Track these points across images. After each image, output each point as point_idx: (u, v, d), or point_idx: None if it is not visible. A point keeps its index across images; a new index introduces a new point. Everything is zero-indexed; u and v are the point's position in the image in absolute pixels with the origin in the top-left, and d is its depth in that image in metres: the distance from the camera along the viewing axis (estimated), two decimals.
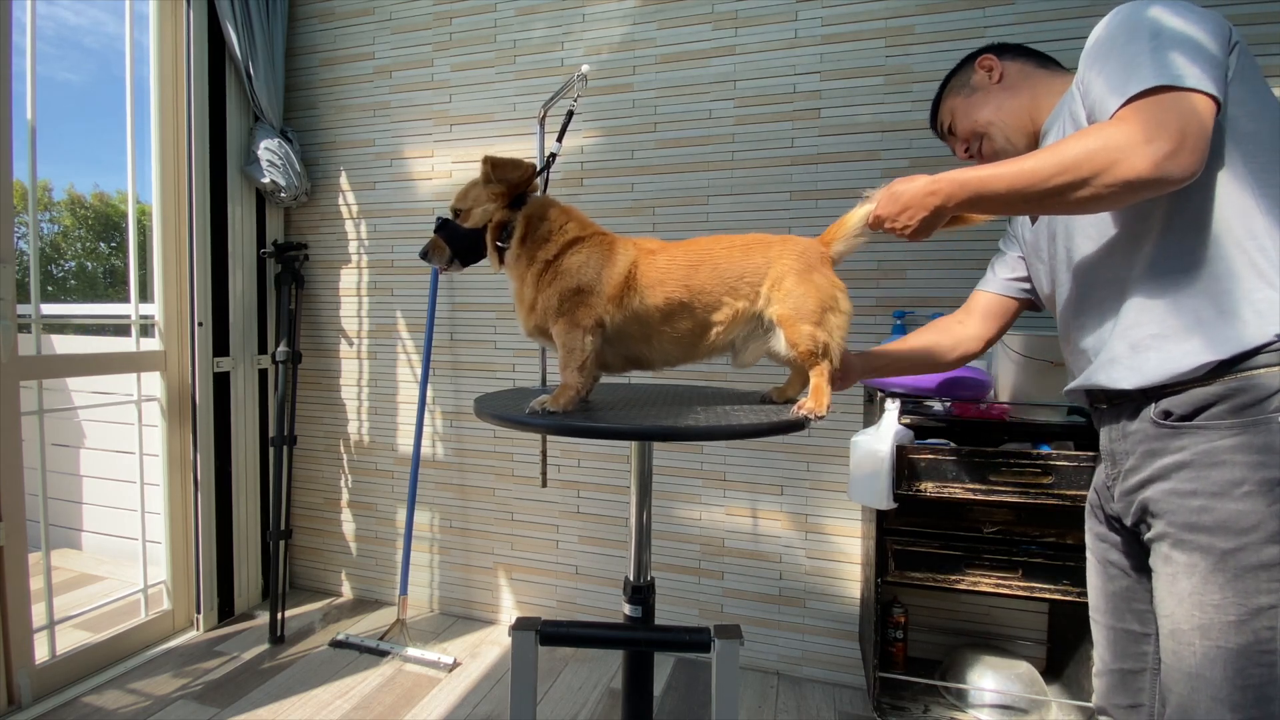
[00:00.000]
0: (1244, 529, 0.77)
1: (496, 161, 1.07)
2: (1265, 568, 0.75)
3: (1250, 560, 0.76)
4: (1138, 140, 0.75)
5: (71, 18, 59.45)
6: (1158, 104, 0.76)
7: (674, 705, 1.92)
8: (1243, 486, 0.77)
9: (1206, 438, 0.80)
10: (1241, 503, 0.77)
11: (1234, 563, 0.77)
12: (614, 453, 2.24)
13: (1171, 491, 0.82)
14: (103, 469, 2.98)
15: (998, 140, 1.09)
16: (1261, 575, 0.76)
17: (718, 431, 0.89)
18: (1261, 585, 0.76)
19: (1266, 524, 0.75)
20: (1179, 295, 0.82)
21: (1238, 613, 0.77)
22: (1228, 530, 0.77)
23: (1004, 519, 1.65)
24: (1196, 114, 0.75)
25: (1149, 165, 0.75)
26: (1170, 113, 0.75)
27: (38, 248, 2.01)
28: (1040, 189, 0.81)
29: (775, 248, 1.05)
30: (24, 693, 1.81)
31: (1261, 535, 0.76)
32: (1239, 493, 0.77)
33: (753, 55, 2.03)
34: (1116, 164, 0.76)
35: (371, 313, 2.51)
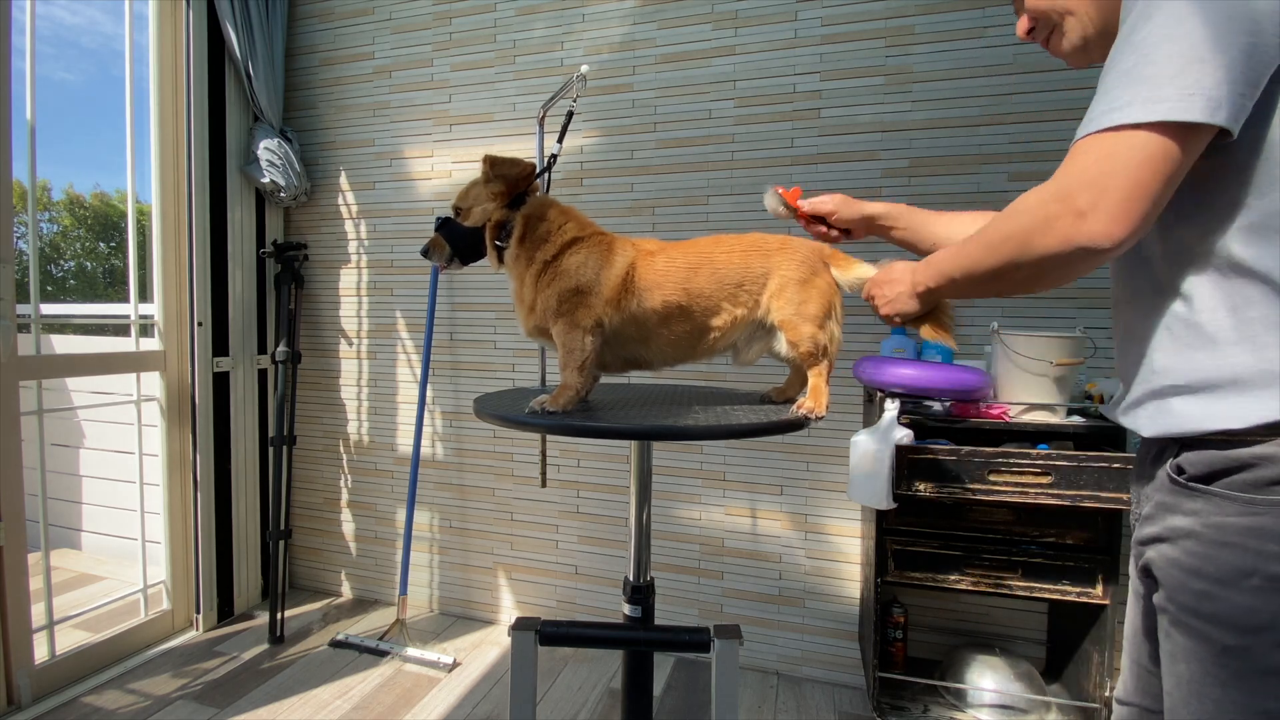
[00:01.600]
0: (1252, 627, 0.66)
1: (496, 160, 1.07)
2: (1276, 673, 0.65)
3: (1258, 664, 0.66)
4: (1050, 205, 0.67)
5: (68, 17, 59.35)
6: (1087, 149, 0.66)
7: (674, 705, 1.92)
8: (1253, 579, 0.65)
9: (1220, 509, 0.68)
10: (1250, 598, 0.65)
11: (1238, 662, 0.67)
12: (614, 453, 2.24)
13: (1175, 563, 0.72)
14: (102, 469, 2.98)
15: (1072, 35, 0.83)
16: (1271, 680, 0.65)
17: (717, 431, 0.89)
18: (1271, 690, 0.65)
19: (1277, 627, 0.64)
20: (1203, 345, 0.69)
21: (1241, 713, 0.67)
22: (1233, 626, 0.67)
23: (1004, 519, 1.65)
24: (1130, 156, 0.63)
25: (1056, 239, 0.66)
26: (1093, 161, 0.65)
27: (37, 248, 2.01)
28: (986, 274, 0.75)
29: (776, 255, 1.05)
30: (23, 693, 1.81)
31: (1271, 639, 0.65)
32: (1247, 585, 0.65)
33: (753, 55, 2.03)
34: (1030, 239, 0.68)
35: (371, 313, 2.51)
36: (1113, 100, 0.65)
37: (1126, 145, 0.63)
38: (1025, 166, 1.82)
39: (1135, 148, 0.63)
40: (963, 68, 1.85)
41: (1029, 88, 1.80)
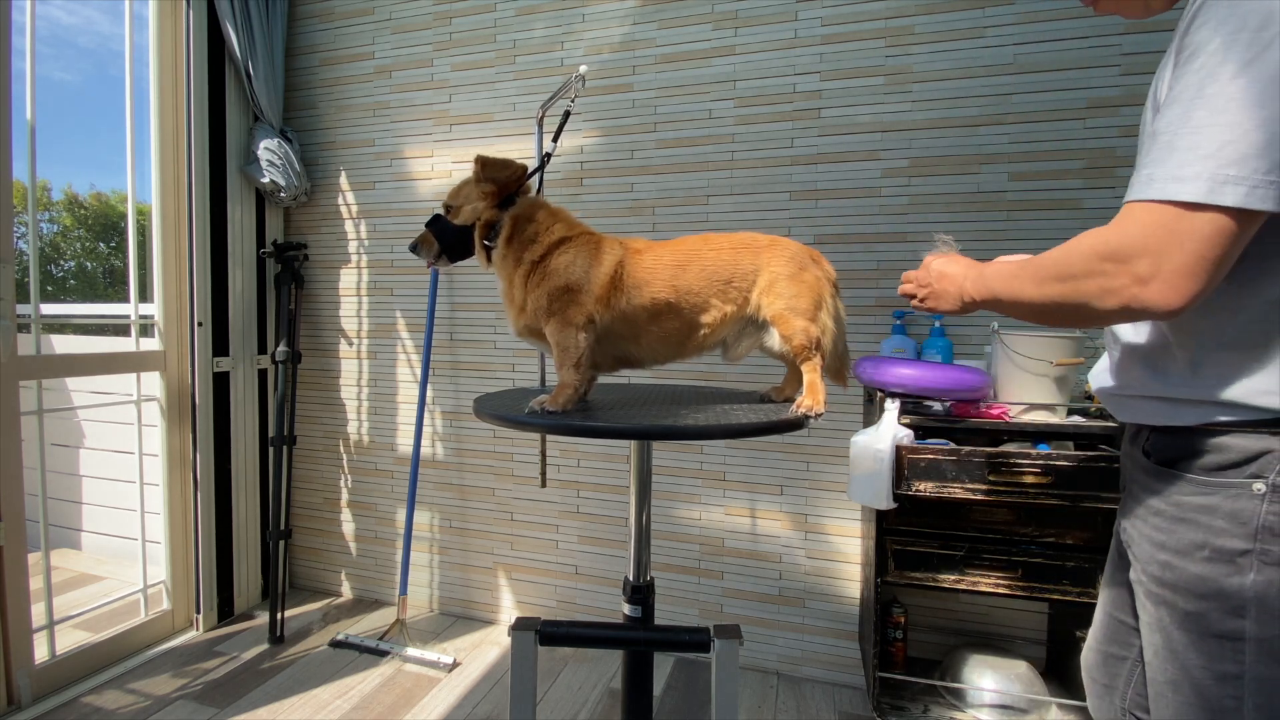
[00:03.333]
0: (1205, 595, 0.74)
1: (487, 161, 1.07)
2: (1229, 638, 0.73)
3: (1215, 628, 0.74)
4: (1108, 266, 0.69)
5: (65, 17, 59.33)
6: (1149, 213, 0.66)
7: (674, 705, 1.92)
8: (1204, 550, 0.74)
9: (1180, 489, 0.76)
10: (1202, 567, 0.74)
11: (1198, 626, 0.75)
12: (613, 452, 2.24)
13: (1145, 538, 0.81)
14: (102, 469, 2.98)
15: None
16: (1226, 645, 0.73)
17: (717, 430, 0.89)
18: (1226, 654, 0.73)
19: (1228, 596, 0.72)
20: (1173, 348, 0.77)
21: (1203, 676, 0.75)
22: (1189, 593, 0.75)
23: (1004, 519, 1.65)
24: (1194, 232, 0.63)
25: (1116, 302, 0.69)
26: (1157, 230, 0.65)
27: (37, 248, 2.01)
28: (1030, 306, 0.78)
29: (765, 253, 1.06)
30: (24, 693, 1.81)
31: (1223, 606, 0.73)
32: (1199, 556, 0.74)
33: (753, 55, 2.03)
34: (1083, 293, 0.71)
35: (371, 313, 2.51)
36: (1177, 168, 0.64)
37: (1189, 223, 0.63)
38: (1025, 166, 1.82)
39: (1199, 225, 0.63)
40: (963, 68, 1.85)
41: (1029, 88, 1.80)
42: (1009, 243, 1.83)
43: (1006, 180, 1.83)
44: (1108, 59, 1.74)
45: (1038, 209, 1.81)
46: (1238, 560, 0.71)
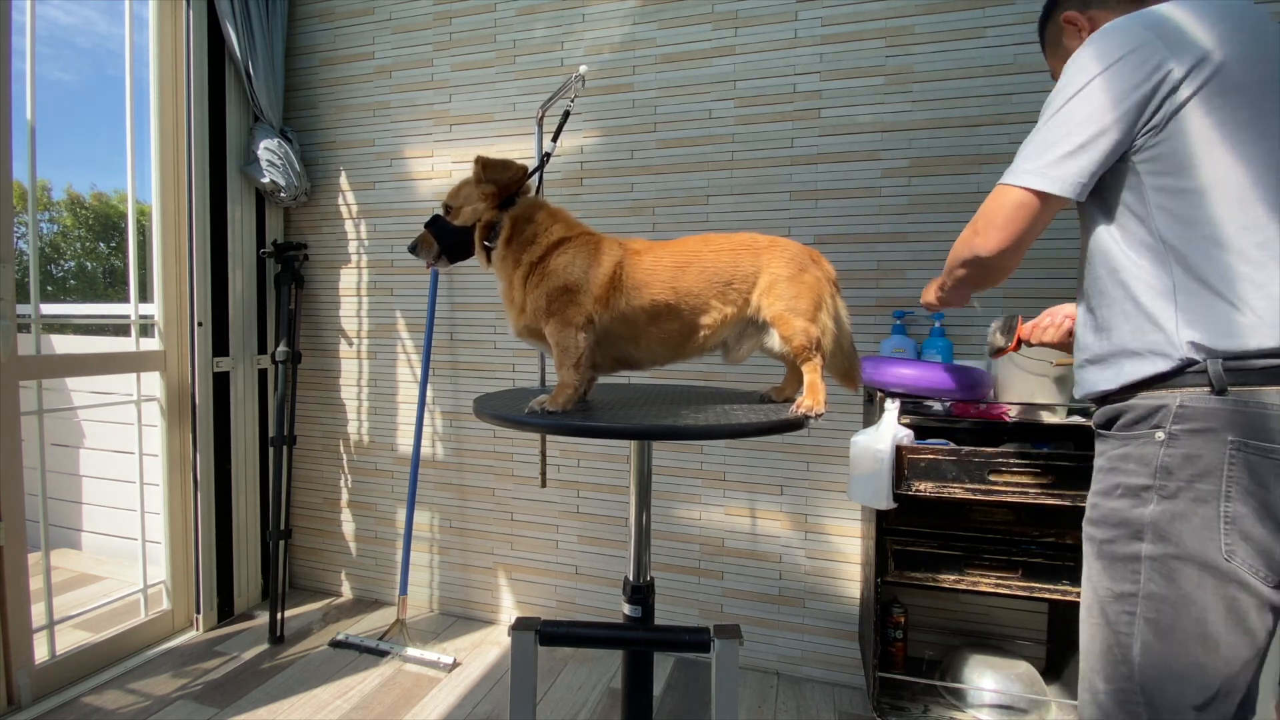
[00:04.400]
0: (1114, 524, 0.90)
1: (488, 162, 1.07)
2: (1129, 560, 0.88)
3: (1119, 552, 0.89)
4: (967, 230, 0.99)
5: (63, 17, 59.34)
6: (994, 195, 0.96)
7: (674, 705, 1.92)
8: (1118, 489, 0.90)
9: (1110, 446, 0.93)
10: (1116, 502, 0.90)
11: (1107, 552, 0.91)
12: (613, 453, 2.24)
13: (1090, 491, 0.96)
14: (102, 469, 2.98)
15: None
16: (1126, 566, 0.88)
17: (717, 431, 0.89)
18: (1125, 574, 0.88)
19: (1131, 523, 0.88)
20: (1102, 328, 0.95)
21: (1107, 594, 0.90)
22: (1105, 524, 0.91)
23: (1004, 519, 1.65)
24: (1005, 202, 0.93)
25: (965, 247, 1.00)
26: (991, 202, 0.96)
27: (37, 248, 2.01)
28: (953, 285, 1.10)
29: (765, 254, 1.06)
30: (24, 693, 1.81)
31: (1127, 532, 0.88)
32: (1116, 494, 0.90)
33: (753, 55, 2.03)
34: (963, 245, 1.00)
35: (371, 313, 2.51)
36: (1018, 160, 0.94)
37: (1005, 194, 0.94)
38: None
39: (1010, 196, 0.93)
40: (963, 68, 1.85)
41: (1029, 88, 1.80)
42: None
43: None
44: None
45: None
46: (1142, 494, 0.87)
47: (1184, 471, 0.84)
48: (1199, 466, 0.83)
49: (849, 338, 1.14)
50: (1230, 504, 0.82)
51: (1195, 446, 0.84)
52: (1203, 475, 0.83)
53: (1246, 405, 0.82)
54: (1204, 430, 0.83)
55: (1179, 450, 0.85)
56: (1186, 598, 0.84)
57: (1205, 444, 0.83)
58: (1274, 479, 0.80)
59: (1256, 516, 0.81)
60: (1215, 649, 0.82)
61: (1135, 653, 0.87)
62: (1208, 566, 0.83)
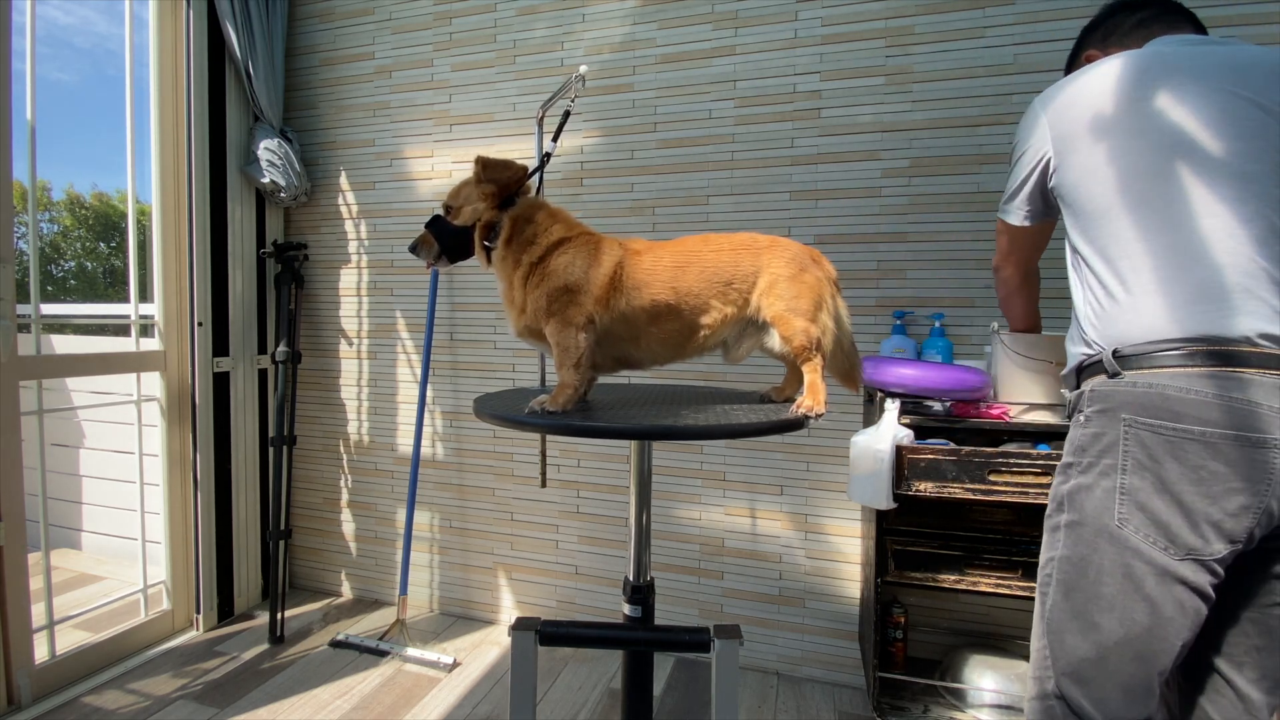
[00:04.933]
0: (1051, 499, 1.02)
1: (488, 162, 1.07)
2: (1054, 530, 0.99)
3: (1050, 523, 1.01)
4: None
5: (61, 17, 59.27)
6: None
7: (674, 705, 1.92)
8: (1055, 467, 1.03)
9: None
10: (1057, 479, 1.01)
11: (1047, 525, 1.02)
12: (614, 453, 2.24)
13: None
14: (102, 469, 2.98)
15: None
16: (1054, 535, 0.99)
17: (717, 431, 0.89)
18: (1052, 542, 0.99)
19: (1056, 497, 1.00)
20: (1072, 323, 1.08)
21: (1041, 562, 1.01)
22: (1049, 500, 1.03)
23: (1004, 519, 1.65)
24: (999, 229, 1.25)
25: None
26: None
27: (38, 248, 2.01)
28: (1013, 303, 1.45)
29: (765, 254, 1.05)
30: (24, 693, 1.81)
31: (1054, 505, 1.00)
32: (1055, 471, 1.03)
33: (753, 55, 2.03)
34: None
35: (371, 313, 2.51)
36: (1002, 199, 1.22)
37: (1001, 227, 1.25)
38: None
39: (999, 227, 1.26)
40: (963, 68, 1.85)
41: (1029, 88, 1.80)
42: None
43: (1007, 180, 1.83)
44: None
45: None
46: (1067, 471, 0.99)
47: (1093, 448, 0.94)
48: (1103, 443, 0.93)
49: (849, 337, 1.13)
50: (1126, 476, 0.90)
51: (1101, 425, 0.94)
52: (1106, 451, 0.92)
53: (1135, 385, 0.91)
54: (1105, 410, 0.93)
55: (1090, 429, 0.95)
56: (1085, 559, 0.93)
57: (1108, 422, 0.93)
58: (1164, 453, 0.87)
59: (1153, 489, 0.88)
60: (1109, 609, 0.90)
61: (1048, 608, 0.97)
62: (1103, 533, 0.91)
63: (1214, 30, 1.68)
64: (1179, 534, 0.86)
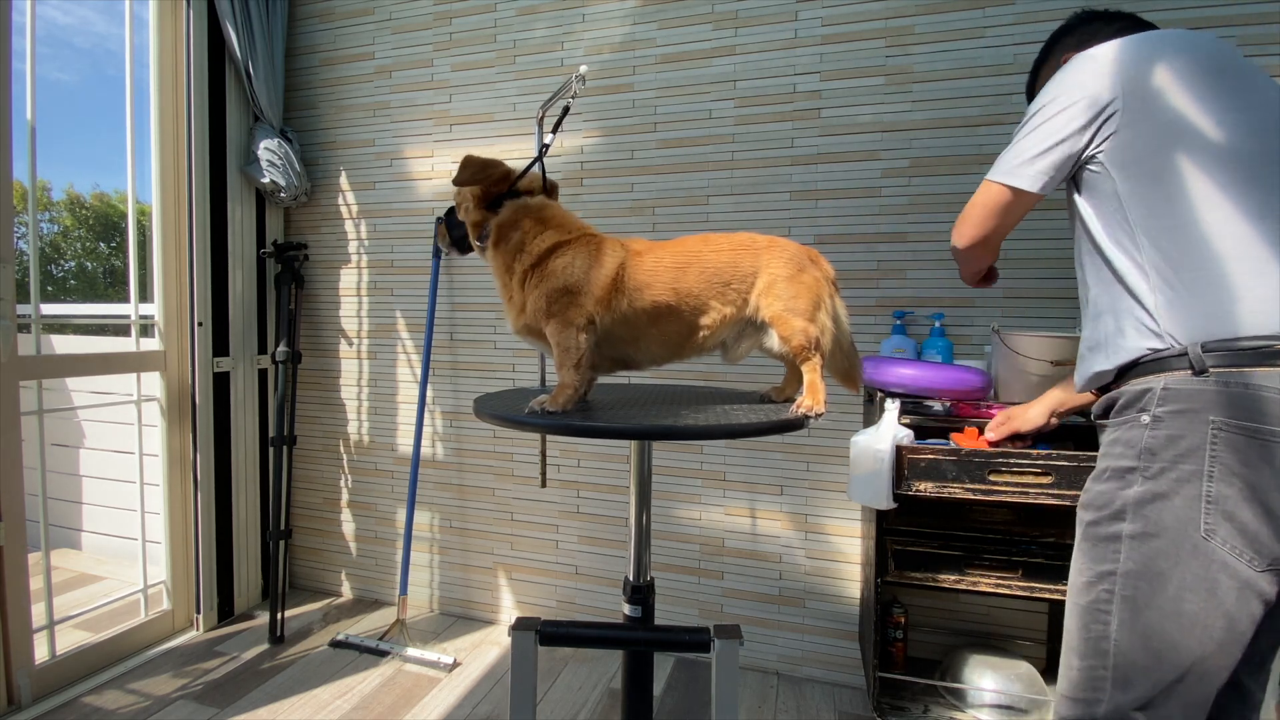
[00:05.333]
0: (1100, 505, 0.93)
1: (466, 162, 1.07)
2: (1111, 540, 0.90)
3: (1103, 532, 0.91)
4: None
5: (60, 17, 59.16)
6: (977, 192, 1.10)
7: (674, 705, 1.92)
8: (1105, 472, 0.94)
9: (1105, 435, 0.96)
10: (1103, 484, 0.93)
11: (1092, 533, 0.93)
12: (614, 453, 2.24)
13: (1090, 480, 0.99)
14: (103, 469, 2.98)
15: None
16: (1109, 546, 0.90)
17: (717, 431, 0.89)
18: (1107, 554, 0.90)
19: (1115, 504, 0.90)
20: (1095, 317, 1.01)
21: (1088, 575, 0.93)
22: (1091, 506, 0.94)
23: (1004, 519, 1.65)
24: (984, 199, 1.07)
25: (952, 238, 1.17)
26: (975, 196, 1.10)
27: (38, 248, 2.01)
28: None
29: (764, 254, 1.05)
30: (24, 693, 1.81)
31: (1110, 512, 0.91)
32: (1105, 476, 0.94)
33: (753, 55, 2.03)
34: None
35: (371, 313, 2.51)
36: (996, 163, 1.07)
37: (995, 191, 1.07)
38: None
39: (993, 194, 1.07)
40: (963, 68, 1.85)
41: None
42: (1009, 243, 1.83)
43: None
44: None
45: (1037, 209, 1.80)
46: (1126, 476, 0.90)
47: (1167, 452, 0.86)
48: (1181, 447, 0.85)
49: (848, 337, 1.13)
50: (1213, 484, 0.83)
51: (1178, 427, 0.86)
52: (1185, 456, 0.85)
53: (1228, 386, 0.83)
54: (1186, 411, 0.85)
55: (1162, 431, 0.87)
56: (1163, 575, 0.85)
57: (1188, 425, 0.85)
58: (1260, 460, 0.81)
59: (1242, 498, 0.81)
60: (1190, 628, 0.83)
61: (1113, 629, 0.88)
62: (1186, 545, 0.84)
63: (1214, 31, 1.68)
64: (1266, 544, 0.80)
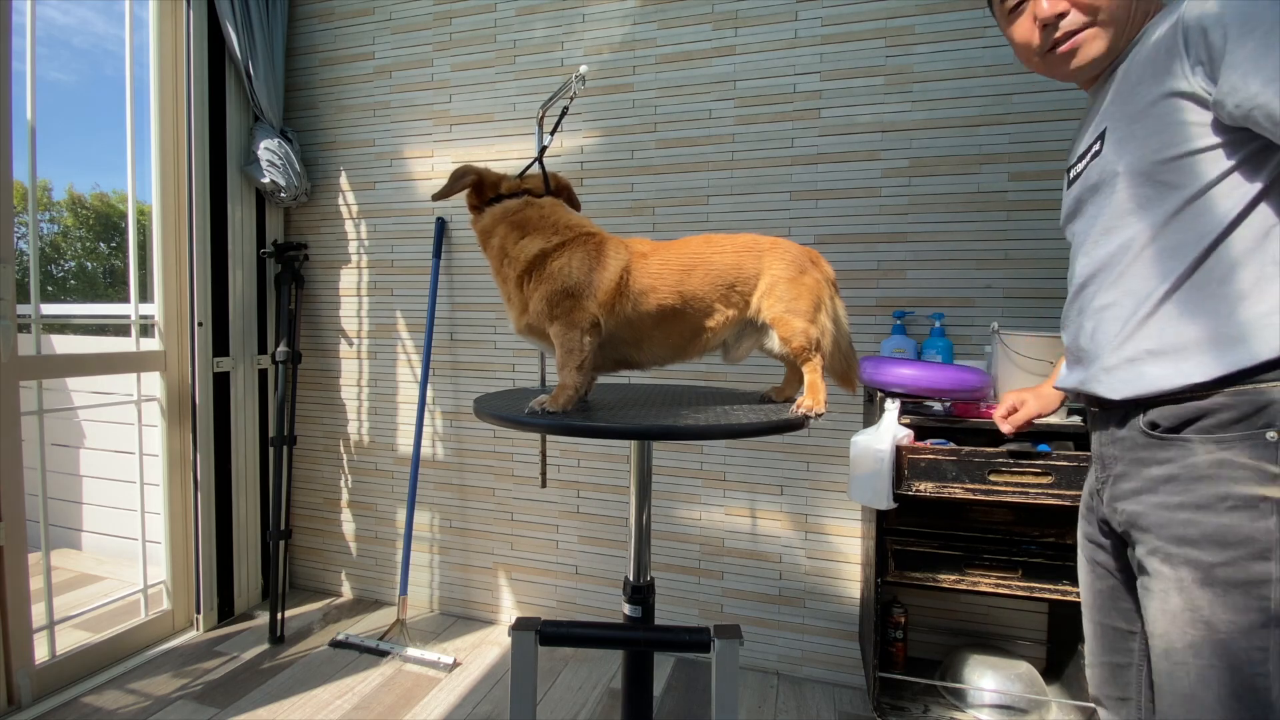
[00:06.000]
0: (1230, 543, 0.75)
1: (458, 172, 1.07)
2: (1254, 584, 0.74)
3: (1238, 576, 0.75)
4: None
5: (59, 17, 59.16)
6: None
7: (674, 705, 1.92)
8: (1228, 501, 0.76)
9: (1191, 452, 0.79)
10: (1226, 517, 0.76)
11: (1222, 577, 0.76)
12: (614, 453, 2.24)
13: (1160, 505, 0.82)
14: (103, 469, 2.98)
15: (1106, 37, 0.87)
16: (1252, 592, 0.74)
17: (718, 431, 0.89)
18: (1251, 603, 0.74)
19: (1252, 540, 0.74)
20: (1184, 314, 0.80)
21: (1228, 630, 0.75)
22: (1215, 544, 0.76)
23: (1004, 519, 1.65)
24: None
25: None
26: None
27: (38, 248, 2.01)
28: None
29: (767, 256, 1.05)
30: (24, 693, 1.81)
31: (1247, 551, 0.74)
32: (1224, 507, 0.76)
33: (753, 55, 2.03)
34: None
35: (371, 313, 2.51)
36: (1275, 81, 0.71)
37: None
38: (1025, 166, 1.82)
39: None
40: (963, 68, 1.85)
41: (1029, 88, 1.80)
42: (1009, 243, 1.84)
43: (1006, 180, 1.83)
44: None
45: (1038, 209, 1.81)
46: (1260, 505, 0.73)
47: None
48: None
49: (847, 338, 1.13)
50: None
51: None
52: None
53: None
54: None
55: None
56: None
57: None
58: None
59: None
60: None
61: (1275, 695, 0.73)
62: None
63: None
64: None
